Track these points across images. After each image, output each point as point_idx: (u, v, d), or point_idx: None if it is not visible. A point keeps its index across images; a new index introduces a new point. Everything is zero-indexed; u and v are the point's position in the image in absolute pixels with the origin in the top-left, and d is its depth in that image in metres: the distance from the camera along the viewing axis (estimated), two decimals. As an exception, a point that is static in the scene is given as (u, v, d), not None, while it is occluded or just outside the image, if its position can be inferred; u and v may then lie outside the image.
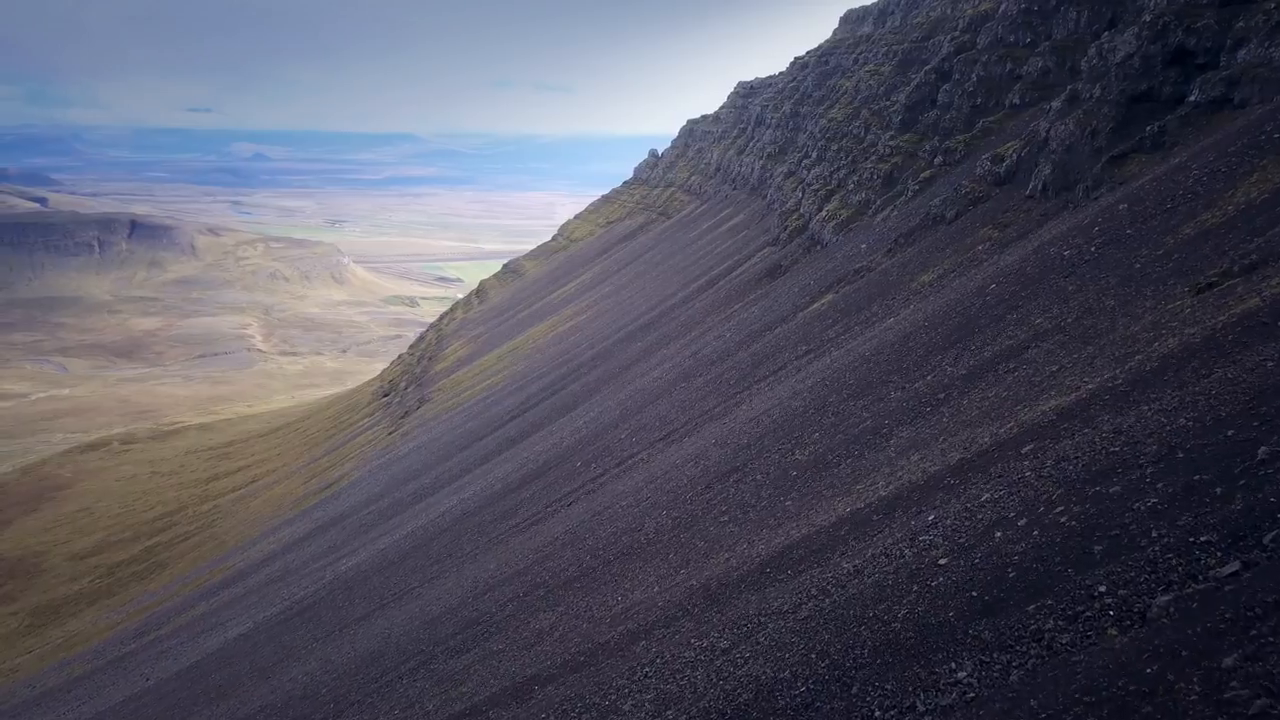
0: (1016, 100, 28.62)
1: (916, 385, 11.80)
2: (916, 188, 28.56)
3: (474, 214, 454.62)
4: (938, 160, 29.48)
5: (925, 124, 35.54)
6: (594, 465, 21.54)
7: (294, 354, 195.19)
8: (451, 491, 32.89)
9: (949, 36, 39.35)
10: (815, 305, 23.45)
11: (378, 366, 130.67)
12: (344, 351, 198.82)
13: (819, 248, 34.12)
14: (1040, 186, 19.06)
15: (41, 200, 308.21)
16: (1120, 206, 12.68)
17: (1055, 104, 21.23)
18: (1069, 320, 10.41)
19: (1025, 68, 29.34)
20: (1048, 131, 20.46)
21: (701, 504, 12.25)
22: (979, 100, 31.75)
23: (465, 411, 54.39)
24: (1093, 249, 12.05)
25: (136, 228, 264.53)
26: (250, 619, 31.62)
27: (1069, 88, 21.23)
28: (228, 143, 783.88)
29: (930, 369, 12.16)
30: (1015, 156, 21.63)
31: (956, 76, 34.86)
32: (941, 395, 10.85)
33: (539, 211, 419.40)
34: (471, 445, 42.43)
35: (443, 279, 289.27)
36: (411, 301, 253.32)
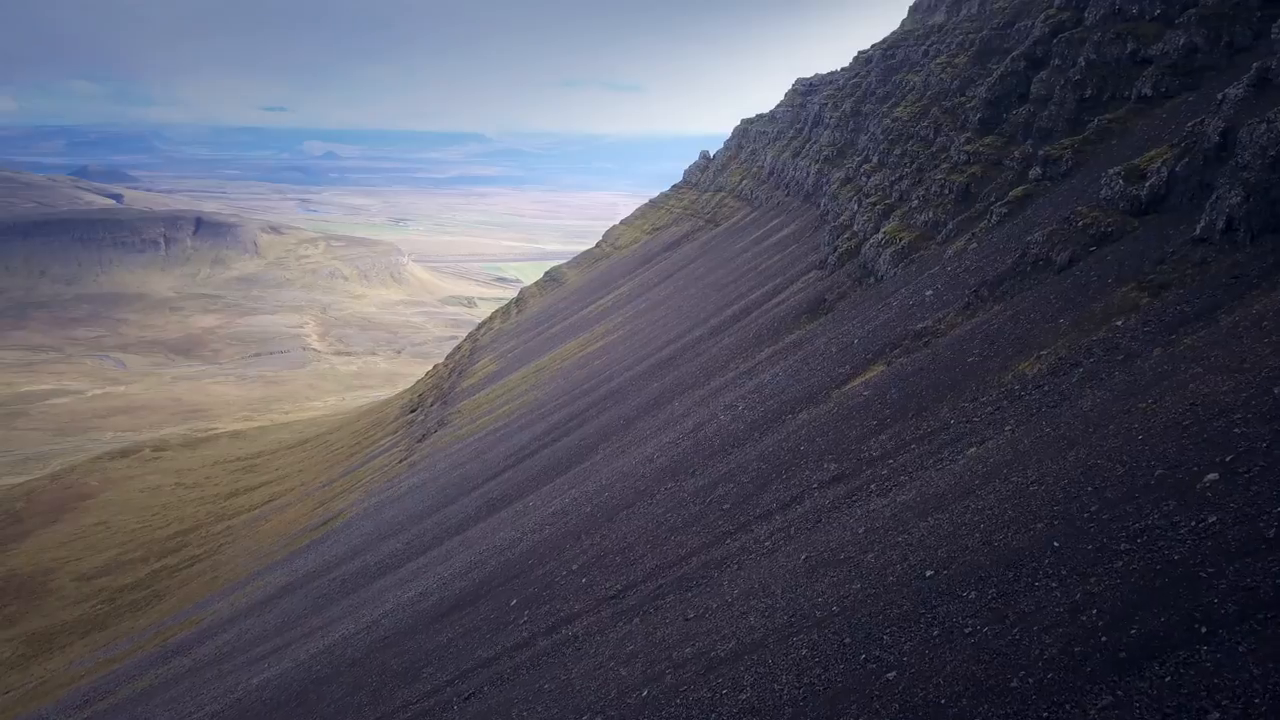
0: (1147, 90, 20.91)
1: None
2: (1004, 210, 21.06)
3: (536, 214, 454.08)
4: (1034, 172, 21.91)
5: (1013, 123, 27.95)
6: (525, 616, 14.89)
7: (348, 354, 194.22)
8: (403, 579, 26.81)
9: (1042, 15, 31.53)
10: (857, 382, 16.37)
11: (429, 368, 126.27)
12: (398, 352, 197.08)
13: (872, 280, 26.80)
14: (1222, 223, 11.68)
15: (117, 196, 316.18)
16: None
17: (1232, 91, 13.77)
18: None
19: (1159, 46, 21.61)
20: (1224, 134, 13.05)
21: None
22: (1089, 92, 24.05)
23: (470, 447, 48.62)
24: None
25: (201, 225, 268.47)
26: (153, 729, 26.20)
27: (1255, 66, 13.78)
28: (300, 141, 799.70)
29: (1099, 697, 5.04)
30: (1165, 172, 14.19)
31: (1056, 62, 27.19)
32: None
33: (600, 211, 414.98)
34: (457, 500, 36.50)
35: (501, 279, 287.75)
36: (469, 302, 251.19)
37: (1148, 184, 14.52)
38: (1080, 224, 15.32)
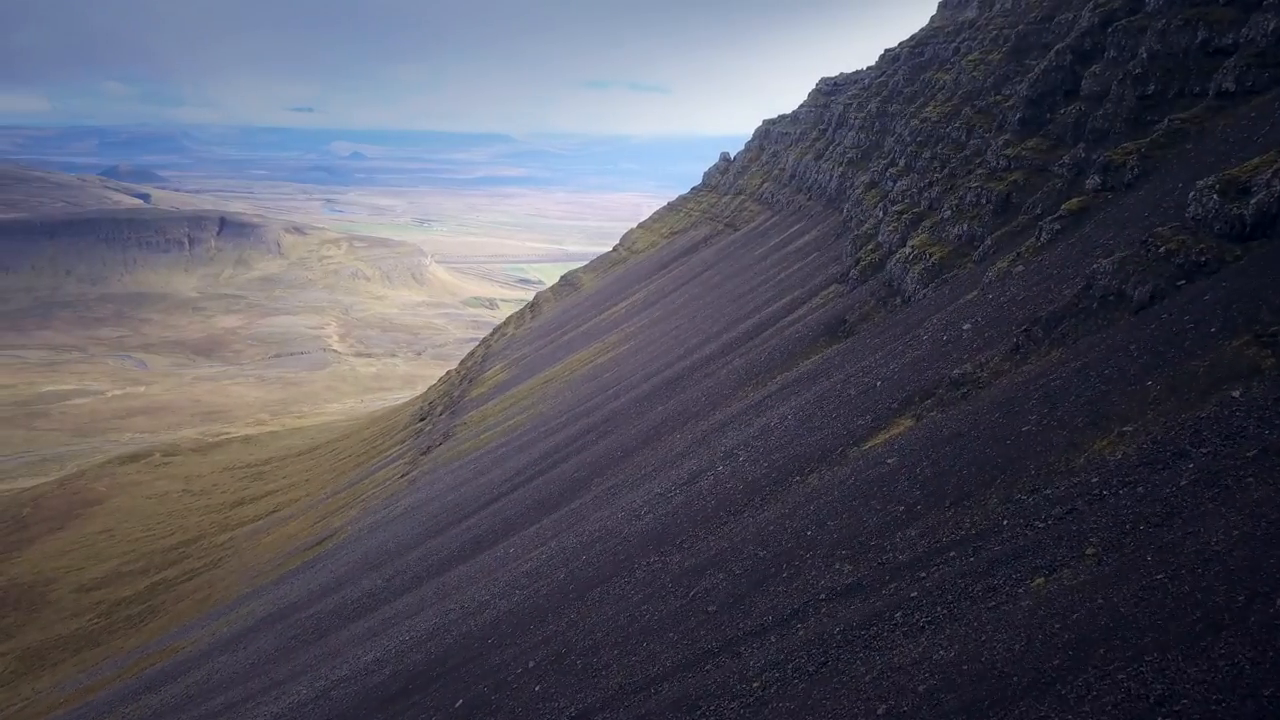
0: (1228, 85, 17.70)
1: None
2: (1056, 227, 17.90)
3: (560, 215, 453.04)
4: (1090, 182, 18.73)
5: (1061, 124, 24.72)
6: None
7: (368, 355, 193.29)
8: (371, 630, 24.11)
9: (1090, 4, 28.20)
10: (879, 440, 13.40)
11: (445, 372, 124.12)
12: (419, 354, 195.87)
13: (898, 301, 23.70)
14: (1376, 262, 8.63)
15: (145, 196, 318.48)
16: None
17: (1369, 84, 10.65)
18: None
19: (1241, 33, 18.38)
20: (1363, 139, 9.93)
21: None
22: (1152, 87, 20.81)
23: (468, 467, 46.11)
24: None
25: (225, 225, 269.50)
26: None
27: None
28: (327, 141, 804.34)
29: None
30: (1278, 186, 11.10)
31: (1111, 54, 23.94)
32: None
33: (625, 213, 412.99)
34: (445, 530, 33.87)
35: (523, 280, 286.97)
36: (491, 304, 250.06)
37: (1253, 201, 11.36)
38: (1162, 249, 12.17)
